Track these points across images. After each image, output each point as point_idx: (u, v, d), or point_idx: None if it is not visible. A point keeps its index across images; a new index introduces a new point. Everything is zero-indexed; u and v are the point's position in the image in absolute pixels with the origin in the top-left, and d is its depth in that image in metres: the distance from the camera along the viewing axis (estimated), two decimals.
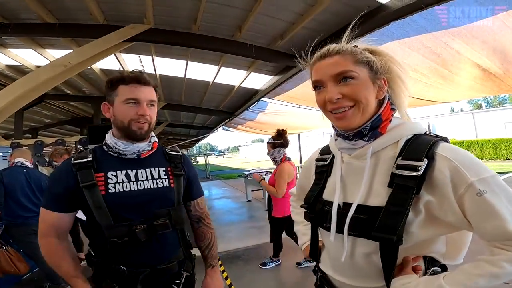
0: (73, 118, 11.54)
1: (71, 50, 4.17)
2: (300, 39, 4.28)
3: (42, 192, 2.94)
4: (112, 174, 1.10)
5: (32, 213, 2.81)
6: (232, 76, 6.13)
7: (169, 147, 1.29)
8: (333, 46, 0.80)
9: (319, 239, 0.98)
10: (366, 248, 0.75)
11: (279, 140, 3.18)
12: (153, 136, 1.24)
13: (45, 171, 10.52)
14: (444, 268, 0.80)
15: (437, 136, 0.76)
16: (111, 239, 1.04)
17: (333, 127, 0.87)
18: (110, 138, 1.17)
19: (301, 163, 15.58)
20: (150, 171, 1.17)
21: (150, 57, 5.32)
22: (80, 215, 1.10)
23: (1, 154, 4.39)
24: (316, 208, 0.89)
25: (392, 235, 0.67)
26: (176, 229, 1.18)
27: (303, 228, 1.15)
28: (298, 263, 3.78)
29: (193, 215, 1.35)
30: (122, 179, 1.10)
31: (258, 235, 5.51)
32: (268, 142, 3.19)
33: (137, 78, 1.11)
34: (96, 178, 1.07)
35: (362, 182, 0.77)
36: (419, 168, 0.67)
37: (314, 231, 0.98)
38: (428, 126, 22.35)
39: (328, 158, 0.95)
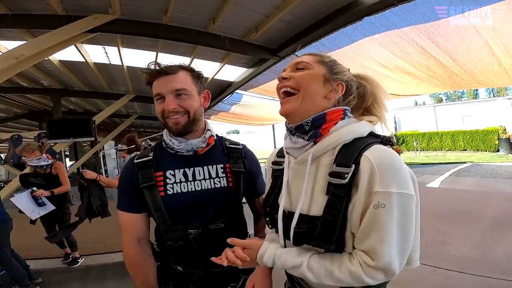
0: (30, 111, 10.65)
1: (25, 42, 3.76)
2: (276, 32, 4.20)
3: None
4: (170, 174, 1.05)
5: None
6: (205, 68, 5.91)
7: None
8: (303, 54, 0.86)
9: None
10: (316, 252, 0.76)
11: (132, 146, 3.08)
12: (209, 130, 1.13)
13: (3, 169, 9.72)
14: None
15: (379, 137, 0.76)
16: (168, 242, 1.04)
17: (286, 125, 0.87)
18: (166, 135, 1.10)
19: None
20: (208, 169, 1.09)
21: (116, 48, 4.96)
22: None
23: None
24: (271, 214, 0.89)
25: (329, 245, 0.68)
26: (233, 232, 1.07)
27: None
28: None
29: (257, 211, 1.26)
30: (180, 179, 1.05)
31: None
32: (120, 150, 3.08)
33: (157, 70, 1.01)
34: (156, 177, 1.03)
35: (302, 189, 0.76)
36: (345, 176, 0.66)
37: None
38: (394, 118, 23.51)
39: (283, 162, 0.92)
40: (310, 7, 3.51)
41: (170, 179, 1.05)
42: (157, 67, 1.01)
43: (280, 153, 0.97)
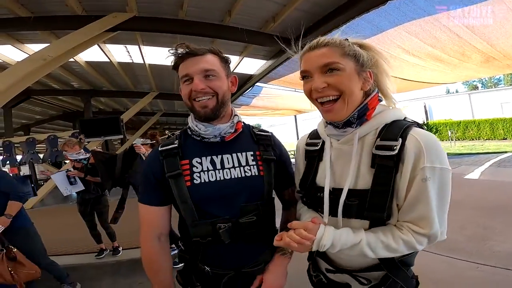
0: (64, 113, 11.33)
1: (50, 43, 3.94)
2: (293, 21, 4.04)
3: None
4: (197, 162, 0.97)
5: None
6: None
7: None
8: (322, 38, 0.82)
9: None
10: (358, 227, 0.80)
11: (153, 141, 3.30)
12: (237, 115, 1.05)
13: (42, 168, 10.42)
14: None
15: (413, 121, 0.82)
16: (194, 238, 0.95)
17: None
18: (191, 121, 1.02)
19: None
20: (237, 156, 1.01)
21: (137, 46, 5.07)
22: None
23: None
24: (311, 194, 0.92)
25: (381, 213, 0.73)
26: (264, 227, 1.01)
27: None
28: None
29: (288, 201, 1.17)
30: (208, 167, 0.97)
31: None
32: (144, 144, 3.24)
33: (185, 51, 0.93)
34: (181, 166, 0.96)
35: (350, 166, 0.81)
36: (395, 147, 0.73)
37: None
38: (425, 107, 22.31)
39: (319, 143, 0.96)
40: None
41: (197, 168, 0.97)
42: (186, 49, 0.94)
43: (314, 136, 1.00)
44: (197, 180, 0.95)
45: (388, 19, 3.86)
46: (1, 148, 6.85)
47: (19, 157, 7.42)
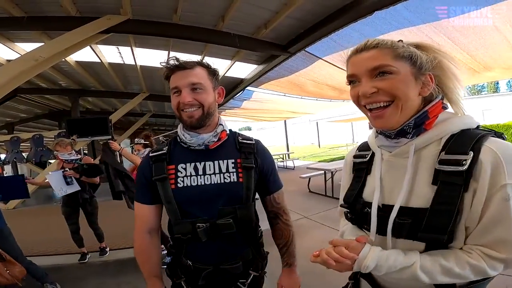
0: (50, 112, 11.07)
1: (43, 43, 3.92)
2: (285, 28, 4.18)
3: None
4: (182, 167, 1.08)
5: None
6: (216, 66, 5.91)
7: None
8: (372, 40, 0.73)
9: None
10: (410, 248, 0.72)
11: (147, 142, 3.34)
12: (221, 124, 1.14)
13: (25, 168, 10.13)
14: None
15: (490, 130, 0.70)
16: (176, 235, 1.06)
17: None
18: (179, 129, 1.13)
19: (287, 148, 15.70)
20: (219, 163, 1.09)
21: (129, 48, 5.08)
22: None
23: None
24: (356, 209, 0.84)
25: (442, 235, 0.64)
26: (242, 229, 1.09)
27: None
28: None
29: (270, 210, 1.25)
30: (191, 173, 1.07)
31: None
32: (138, 143, 3.34)
33: (175, 65, 1.03)
34: (168, 170, 1.07)
35: (404, 181, 0.72)
36: (464, 162, 0.62)
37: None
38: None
39: (368, 155, 0.90)
40: (318, 3, 3.48)
41: (181, 172, 1.07)
42: (176, 62, 1.04)
43: (363, 148, 0.94)
44: (180, 184, 1.06)
45: (375, 28, 4.02)
46: None
47: (2, 156, 7.21)
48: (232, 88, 7.42)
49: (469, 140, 0.65)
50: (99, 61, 5.78)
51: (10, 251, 2.34)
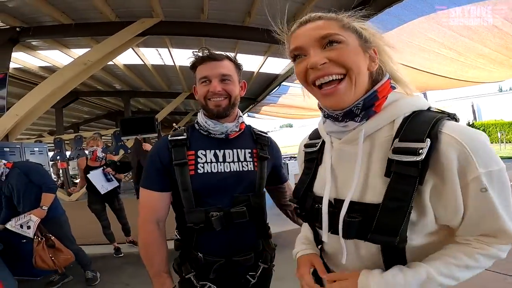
0: (108, 112, 12.30)
1: (91, 48, 4.38)
2: None
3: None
4: (201, 153, 1.08)
5: None
6: (249, 62, 6.07)
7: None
8: (314, 14, 0.67)
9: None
10: (368, 249, 0.65)
11: None
12: (241, 116, 1.19)
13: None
14: None
15: (442, 112, 0.63)
16: (188, 224, 1.03)
17: (320, 107, 0.73)
18: (201, 117, 1.14)
19: None
20: (237, 152, 1.13)
21: (166, 49, 5.42)
22: None
23: (37, 149, 4.80)
24: (306, 205, 0.77)
25: (393, 237, 0.56)
26: (254, 218, 1.11)
27: (302, 234, 0.95)
28: None
29: (286, 196, 1.31)
30: (211, 159, 1.08)
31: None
32: None
33: (206, 55, 1.08)
34: (187, 156, 1.06)
35: (354, 173, 0.64)
36: (420, 151, 0.55)
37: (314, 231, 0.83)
38: (472, 106, 20.47)
39: (318, 143, 0.81)
40: None
41: (202, 159, 1.07)
42: (207, 53, 1.08)
43: (314, 135, 0.87)
44: (200, 170, 1.05)
45: (414, 12, 3.70)
46: (53, 144, 7.60)
47: (68, 153, 8.17)
48: (268, 84, 7.45)
49: (424, 125, 0.58)
50: (143, 63, 6.27)
51: (62, 238, 2.64)
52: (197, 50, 1.10)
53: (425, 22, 3.83)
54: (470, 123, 17.14)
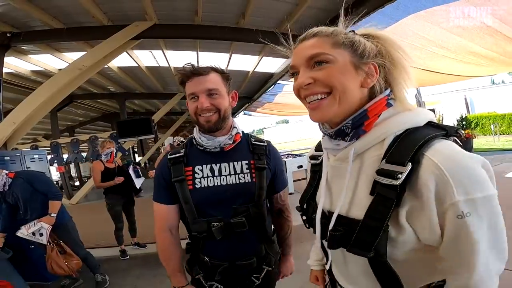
0: (103, 114, 12.24)
1: (86, 52, 4.35)
2: (310, 19, 4.08)
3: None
4: (198, 169, 1.13)
5: None
6: (245, 62, 6.08)
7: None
8: (313, 29, 0.69)
9: None
10: (356, 259, 0.66)
11: (186, 140, 3.35)
12: (235, 127, 1.20)
13: (87, 166, 11.26)
14: None
15: (443, 128, 0.62)
16: (193, 233, 1.11)
17: (318, 124, 0.76)
18: (196, 133, 1.17)
19: None
20: (233, 165, 1.15)
21: (161, 51, 5.40)
22: None
23: (37, 156, 4.77)
24: (309, 213, 0.84)
25: (366, 251, 0.59)
26: (254, 226, 1.15)
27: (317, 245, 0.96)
28: None
29: (275, 207, 1.34)
30: (207, 174, 1.13)
31: None
32: (171, 144, 3.53)
33: (190, 72, 1.08)
34: (185, 172, 1.11)
35: (343, 189, 0.68)
36: (398, 176, 0.55)
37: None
38: (465, 99, 20.62)
39: (320, 156, 0.86)
40: None
41: (199, 174, 1.12)
42: (191, 68, 1.08)
43: (319, 147, 0.90)
44: (198, 184, 1.11)
45: (406, 11, 3.74)
46: (50, 149, 7.56)
47: (65, 156, 8.13)
48: (264, 83, 7.47)
49: (410, 147, 0.58)
50: (137, 65, 6.24)
51: (72, 244, 2.68)
52: (182, 67, 1.10)
53: (414, 20, 3.88)
54: (464, 116, 17.26)
